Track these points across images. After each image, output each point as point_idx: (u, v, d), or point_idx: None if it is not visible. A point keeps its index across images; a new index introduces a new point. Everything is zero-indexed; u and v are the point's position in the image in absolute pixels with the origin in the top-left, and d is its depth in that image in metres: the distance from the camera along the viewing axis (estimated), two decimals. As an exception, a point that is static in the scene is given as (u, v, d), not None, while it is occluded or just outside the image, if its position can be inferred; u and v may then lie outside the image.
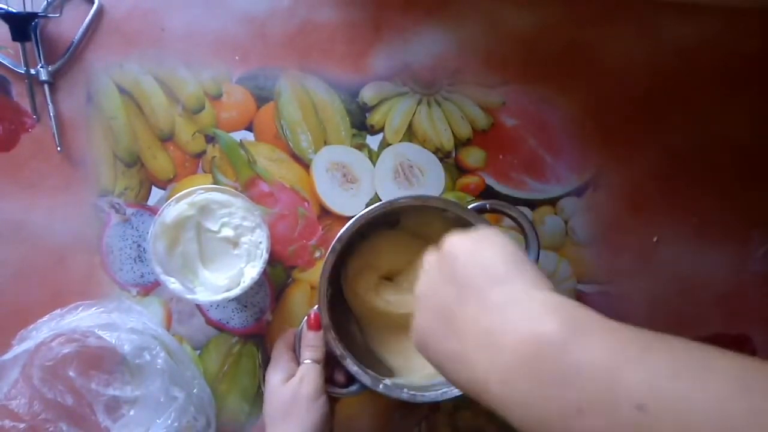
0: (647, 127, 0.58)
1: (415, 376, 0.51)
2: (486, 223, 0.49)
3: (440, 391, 0.48)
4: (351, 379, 0.49)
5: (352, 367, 0.48)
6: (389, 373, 0.51)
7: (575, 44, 0.58)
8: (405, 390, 0.48)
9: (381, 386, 0.48)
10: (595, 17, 0.58)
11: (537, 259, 0.50)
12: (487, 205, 0.50)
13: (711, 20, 0.59)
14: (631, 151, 0.58)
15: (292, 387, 0.47)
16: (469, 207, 0.49)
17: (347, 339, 0.51)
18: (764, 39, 0.59)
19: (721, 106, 0.59)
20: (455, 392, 0.47)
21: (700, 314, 0.57)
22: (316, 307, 0.49)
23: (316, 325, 0.50)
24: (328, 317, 0.49)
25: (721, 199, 0.58)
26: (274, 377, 0.49)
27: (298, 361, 0.50)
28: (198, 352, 0.56)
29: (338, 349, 0.48)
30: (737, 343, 0.58)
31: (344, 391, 0.50)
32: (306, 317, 0.51)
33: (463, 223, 0.51)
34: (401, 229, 0.54)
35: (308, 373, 0.48)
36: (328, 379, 0.50)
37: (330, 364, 0.50)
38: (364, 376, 0.48)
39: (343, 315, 0.53)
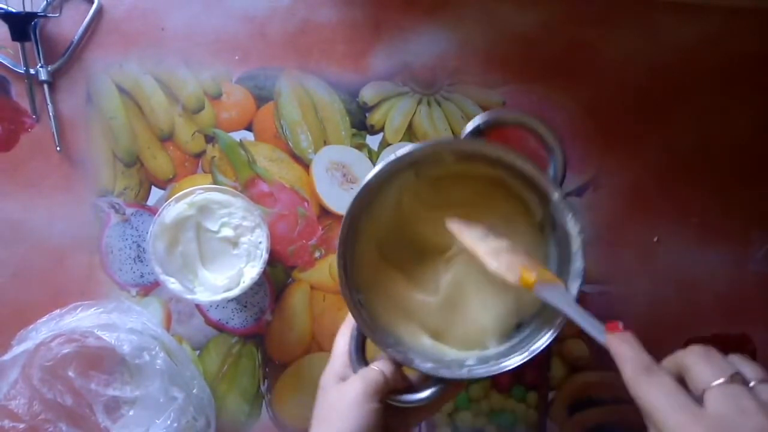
0: (647, 127, 0.58)
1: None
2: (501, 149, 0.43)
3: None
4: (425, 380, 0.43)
5: (425, 365, 0.42)
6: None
7: (575, 44, 0.58)
8: (492, 362, 0.42)
9: (465, 370, 0.42)
10: (595, 17, 0.58)
11: (563, 176, 0.44)
12: (480, 125, 0.43)
13: (711, 20, 0.59)
14: (631, 151, 0.58)
15: (343, 388, 0.42)
16: (464, 134, 0.44)
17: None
18: (764, 39, 0.59)
19: (721, 106, 0.59)
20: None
21: (700, 314, 0.57)
22: None
23: None
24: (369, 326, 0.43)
25: (721, 199, 0.58)
26: (326, 377, 0.44)
27: (352, 367, 0.44)
28: (198, 352, 0.56)
29: (400, 355, 0.43)
30: (737, 343, 0.58)
31: (417, 397, 0.43)
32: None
33: (469, 155, 0.45)
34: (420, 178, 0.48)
35: (365, 374, 0.42)
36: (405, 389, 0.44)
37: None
38: (443, 369, 0.42)
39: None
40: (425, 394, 0.43)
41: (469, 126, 0.44)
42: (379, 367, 0.42)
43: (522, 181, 0.45)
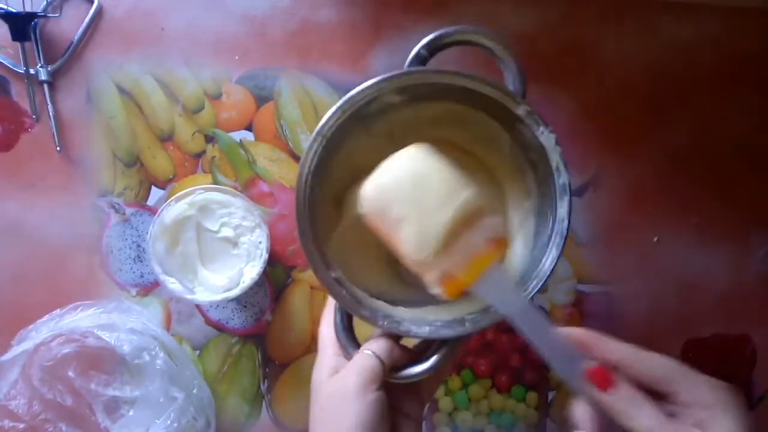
0: (647, 127, 0.58)
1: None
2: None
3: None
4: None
5: (422, 330, 0.38)
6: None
7: (575, 44, 0.58)
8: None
9: (468, 324, 0.37)
10: (595, 17, 0.58)
11: (524, 88, 0.40)
12: (421, 51, 0.40)
13: (711, 20, 0.59)
14: (632, 150, 0.58)
15: (336, 382, 0.38)
16: (410, 69, 0.40)
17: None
18: (764, 39, 0.59)
19: (721, 106, 0.59)
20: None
21: (700, 314, 0.57)
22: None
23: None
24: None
25: (722, 199, 0.58)
26: (317, 373, 0.40)
27: (344, 353, 0.40)
28: (197, 352, 0.56)
29: (394, 326, 0.38)
30: (737, 343, 0.58)
31: (421, 369, 0.38)
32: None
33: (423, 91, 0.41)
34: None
35: (359, 362, 0.37)
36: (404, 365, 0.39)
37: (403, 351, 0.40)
38: (443, 330, 0.38)
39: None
40: (429, 362, 0.38)
41: (411, 54, 0.40)
42: (371, 350, 0.38)
43: (481, 109, 0.41)
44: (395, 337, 0.40)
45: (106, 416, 0.52)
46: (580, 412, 0.34)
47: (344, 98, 0.39)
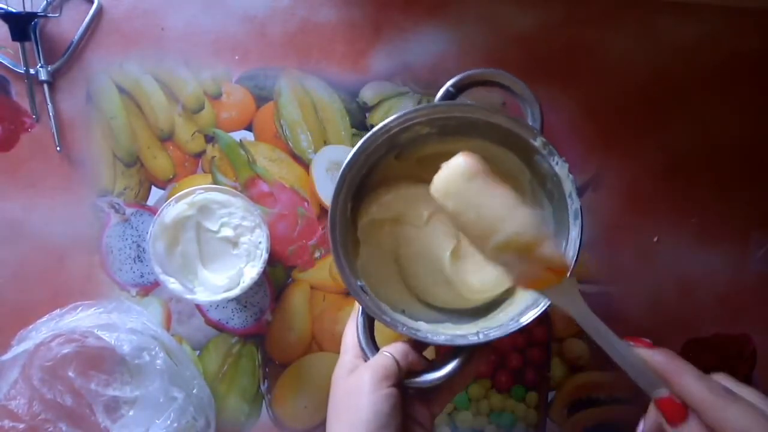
0: (647, 127, 0.58)
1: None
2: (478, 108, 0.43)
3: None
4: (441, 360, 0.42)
5: (437, 338, 0.41)
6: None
7: (575, 44, 0.58)
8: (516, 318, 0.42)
9: (481, 335, 0.41)
10: (595, 17, 0.58)
11: (542, 124, 0.43)
12: (450, 88, 0.43)
13: (711, 20, 0.59)
14: (631, 151, 0.58)
15: (353, 378, 0.40)
16: (437, 102, 0.44)
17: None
18: (764, 39, 0.59)
19: (720, 106, 0.59)
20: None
21: (700, 314, 0.57)
22: None
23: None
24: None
25: (721, 199, 0.58)
26: (337, 372, 0.42)
27: (364, 356, 0.43)
28: (198, 352, 0.56)
29: (412, 332, 0.41)
30: (737, 343, 0.58)
31: (436, 375, 0.41)
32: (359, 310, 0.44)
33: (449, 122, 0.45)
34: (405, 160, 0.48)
35: (375, 361, 0.40)
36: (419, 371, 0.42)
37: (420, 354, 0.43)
38: (458, 339, 0.41)
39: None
40: (444, 370, 0.41)
41: (441, 91, 0.44)
42: (388, 352, 0.40)
43: (503, 146, 0.45)
44: (416, 346, 0.42)
45: (106, 416, 0.52)
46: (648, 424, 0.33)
47: (379, 125, 0.43)
